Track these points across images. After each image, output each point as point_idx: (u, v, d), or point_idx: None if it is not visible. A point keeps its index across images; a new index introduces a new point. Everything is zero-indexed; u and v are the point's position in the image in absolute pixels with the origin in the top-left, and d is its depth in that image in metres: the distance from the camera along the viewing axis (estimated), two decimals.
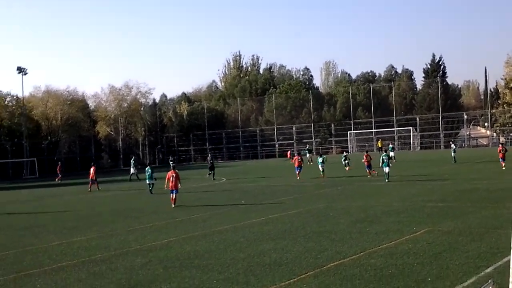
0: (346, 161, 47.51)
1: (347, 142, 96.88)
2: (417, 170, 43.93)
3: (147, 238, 18.22)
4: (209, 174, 48.96)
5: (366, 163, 39.85)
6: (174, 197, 27.82)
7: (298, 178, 41.36)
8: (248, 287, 11.31)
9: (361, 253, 13.82)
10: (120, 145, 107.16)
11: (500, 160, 40.61)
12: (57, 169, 65.11)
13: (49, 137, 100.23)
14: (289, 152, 75.67)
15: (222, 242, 16.60)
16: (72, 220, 25.30)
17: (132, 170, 53.73)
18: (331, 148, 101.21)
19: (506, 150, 41.38)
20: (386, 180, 34.69)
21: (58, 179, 61.82)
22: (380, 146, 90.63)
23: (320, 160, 43.76)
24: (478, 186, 28.85)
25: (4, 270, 14.59)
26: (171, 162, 57.44)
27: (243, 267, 13.10)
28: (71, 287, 12.29)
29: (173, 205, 27.62)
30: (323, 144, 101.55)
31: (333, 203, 24.97)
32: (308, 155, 65.32)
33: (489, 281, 6.90)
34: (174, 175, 28.24)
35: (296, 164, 43.04)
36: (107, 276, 13.08)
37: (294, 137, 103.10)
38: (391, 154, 38.55)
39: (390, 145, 61.36)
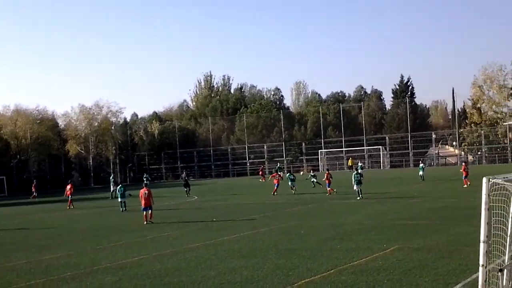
0: (313, 180, 49.20)
1: (318, 161, 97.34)
2: (387, 188, 44.31)
3: (117, 256, 18.09)
4: (186, 191, 49.55)
5: (327, 181, 41.00)
6: (150, 213, 28.18)
7: (275, 194, 42.75)
8: None
9: (332, 270, 13.90)
10: (91, 163, 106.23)
11: (463, 178, 41.74)
12: (32, 187, 64.89)
13: (18, 156, 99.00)
14: (261, 170, 75.46)
15: (193, 260, 16.56)
16: (42, 238, 24.99)
17: (112, 188, 53.25)
18: (302, 166, 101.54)
19: (468, 168, 43.37)
20: (359, 198, 35.03)
21: (33, 197, 61.40)
22: (350, 164, 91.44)
23: (290, 177, 45.75)
24: (447, 204, 29.22)
25: None
26: (144, 179, 57.27)
27: (214, 285, 13.09)
28: None
29: (145, 222, 27.73)
30: (294, 162, 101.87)
31: (304, 221, 25.04)
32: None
33: None
34: (146, 192, 28.48)
35: (275, 182, 44.59)
36: None
37: (266, 156, 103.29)
38: (360, 171, 39.20)
39: (360, 164, 62.21)
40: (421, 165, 54.78)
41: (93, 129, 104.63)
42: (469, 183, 40.68)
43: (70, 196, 43.50)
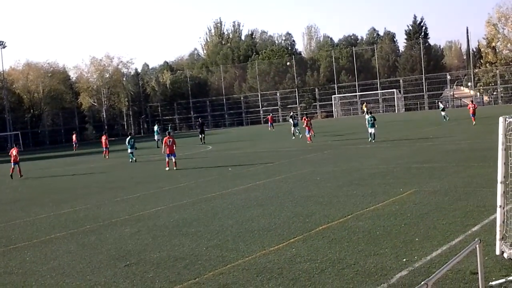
0: (294, 129, 48.85)
1: (332, 106, 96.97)
2: (401, 131, 44.13)
3: (135, 208, 18.22)
4: (200, 138, 50.08)
5: (306, 127, 41.15)
6: (174, 161, 30.06)
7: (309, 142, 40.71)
8: (237, 253, 11.35)
9: (349, 216, 13.91)
10: (104, 116, 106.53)
11: (471, 116, 44.52)
12: (73, 138, 65.98)
13: (31, 110, 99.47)
14: (270, 117, 74.37)
15: (210, 210, 16.64)
16: (59, 192, 25.24)
17: (156, 137, 53.59)
18: (316, 112, 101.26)
19: (475, 107, 46.77)
20: (372, 140, 35.44)
21: (75, 148, 62.55)
22: (365, 109, 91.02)
23: (292, 122, 47.71)
24: (463, 146, 29.04)
25: None
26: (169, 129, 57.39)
27: (232, 234, 13.15)
28: (60, 259, 12.27)
29: (167, 168, 30.00)
30: (307, 108, 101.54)
31: (319, 168, 25.03)
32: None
33: (476, 239, 6.95)
34: (170, 140, 30.40)
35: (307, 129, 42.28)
36: (97, 247, 13.09)
37: (279, 103, 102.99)
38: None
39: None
40: (441, 106, 55.92)
41: (105, 80, 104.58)
42: (474, 120, 43.94)
43: (107, 147, 45.91)
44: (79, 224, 16.31)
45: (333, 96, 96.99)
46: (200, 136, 52.55)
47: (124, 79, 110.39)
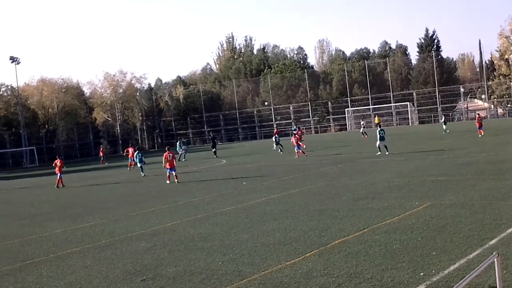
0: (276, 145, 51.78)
1: (345, 120, 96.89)
2: (416, 144, 43.94)
3: (150, 223, 18.25)
4: (214, 151, 52.79)
5: (294, 143, 42.43)
6: (174, 174, 30.98)
7: (297, 156, 41.72)
8: (253, 268, 11.34)
9: (365, 230, 13.86)
10: (118, 130, 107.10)
11: (478, 128, 45.67)
12: (100, 151, 66.88)
13: (46, 126, 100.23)
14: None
15: (225, 224, 16.64)
16: (74, 207, 25.33)
17: (179, 151, 54.39)
18: (329, 126, 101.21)
19: (481, 119, 47.85)
20: (386, 153, 36.18)
21: (102, 162, 63.15)
22: (377, 122, 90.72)
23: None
24: (478, 158, 28.89)
25: (9, 259, 14.64)
26: (182, 145, 57.74)
27: (247, 248, 13.14)
28: (77, 274, 12.32)
29: (168, 181, 31.16)
30: (321, 122, 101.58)
31: (334, 181, 24.99)
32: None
33: (494, 253, 6.91)
34: (170, 155, 31.43)
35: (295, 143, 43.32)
36: (113, 262, 13.13)
37: (292, 117, 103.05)
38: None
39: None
40: (442, 120, 57.38)
41: (118, 95, 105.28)
42: (481, 132, 45.02)
43: (131, 159, 46.53)
44: (95, 238, 16.37)
45: (346, 109, 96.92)
46: (212, 150, 53.54)
47: (138, 94, 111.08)
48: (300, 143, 42.72)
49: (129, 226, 18.09)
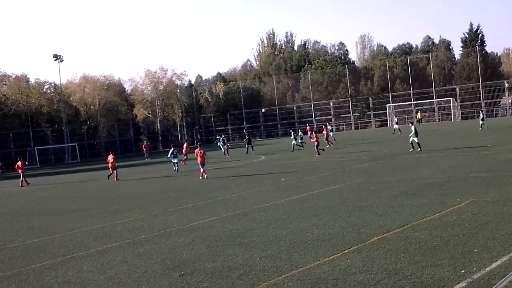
0: (300, 141, 53.79)
1: (386, 115, 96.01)
2: (458, 140, 43.26)
3: (189, 218, 18.31)
4: (247, 148, 54.55)
5: (315, 142, 43.23)
6: (202, 170, 32.05)
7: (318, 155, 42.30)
8: (291, 264, 11.26)
9: (405, 226, 13.65)
10: (158, 127, 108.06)
11: None
12: (143, 147, 68.18)
13: (88, 122, 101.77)
14: (308, 128, 73.64)
15: (263, 220, 16.59)
16: (114, 203, 25.60)
17: (222, 148, 57.42)
18: (370, 122, 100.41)
19: None
20: (418, 149, 35.95)
21: (146, 157, 64.46)
22: (420, 117, 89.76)
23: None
24: None
25: (50, 254, 14.84)
26: (221, 141, 59.23)
27: (285, 244, 13.07)
28: (117, 268, 12.42)
29: (200, 177, 31.93)
30: (361, 118, 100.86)
31: (373, 178, 24.73)
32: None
33: None
34: (202, 151, 32.51)
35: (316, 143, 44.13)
36: (152, 257, 13.19)
37: (332, 113, 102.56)
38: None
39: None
40: (481, 116, 56.38)
41: (159, 92, 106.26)
42: None
43: (185, 154, 48.73)
44: (134, 234, 16.49)
45: (387, 105, 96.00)
46: (247, 146, 55.31)
47: (178, 90, 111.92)
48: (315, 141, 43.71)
49: (168, 221, 18.17)
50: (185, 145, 50.81)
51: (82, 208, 24.63)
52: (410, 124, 39.23)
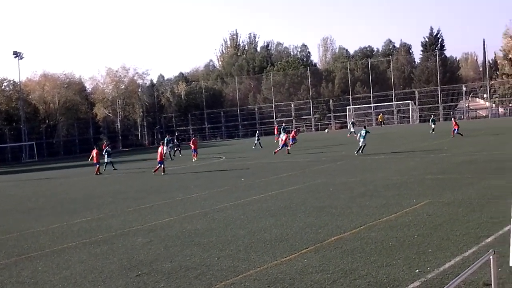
0: (258, 141, 55.80)
1: (346, 118, 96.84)
2: (416, 143, 43.88)
3: (147, 218, 18.21)
4: (174, 151, 54.30)
5: (281, 141, 44.34)
6: (162, 167, 35.09)
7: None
8: (249, 264, 11.30)
9: (361, 227, 13.82)
10: (119, 126, 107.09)
11: (455, 130, 45.99)
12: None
13: (47, 121, 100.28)
14: (276, 127, 73.83)
15: (222, 220, 16.59)
16: (72, 202, 25.28)
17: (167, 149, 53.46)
18: (330, 123, 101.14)
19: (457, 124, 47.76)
20: (360, 152, 37.07)
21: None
22: (381, 120, 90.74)
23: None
24: (477, 157, 28.84)
25: (5, 254, 14.61)
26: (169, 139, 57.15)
27: (243, 244, 13.10)
28: (73, 269, 12.28)
29: (163, 173, 34.23)
30: (322, 120, 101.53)
31: (332, 179, 24.94)
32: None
33: (490, 251, 6.86)
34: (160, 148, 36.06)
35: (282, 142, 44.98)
36: (109, 257, 13.09)
37: (293, 114, 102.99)
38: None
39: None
40: (431, 118, 57.45)
41: (120, 92, 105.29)
42: (452, 136, 45.64)
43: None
44: (91, 233, 16.33)
45: (347, 107, 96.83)
46: (174, 150, 54.22)
47: (140, 90, 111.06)
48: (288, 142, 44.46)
49: (126, 221, 18.04)
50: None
51: (39, 207, 24.30)
52: (363, 128, 39.90)
